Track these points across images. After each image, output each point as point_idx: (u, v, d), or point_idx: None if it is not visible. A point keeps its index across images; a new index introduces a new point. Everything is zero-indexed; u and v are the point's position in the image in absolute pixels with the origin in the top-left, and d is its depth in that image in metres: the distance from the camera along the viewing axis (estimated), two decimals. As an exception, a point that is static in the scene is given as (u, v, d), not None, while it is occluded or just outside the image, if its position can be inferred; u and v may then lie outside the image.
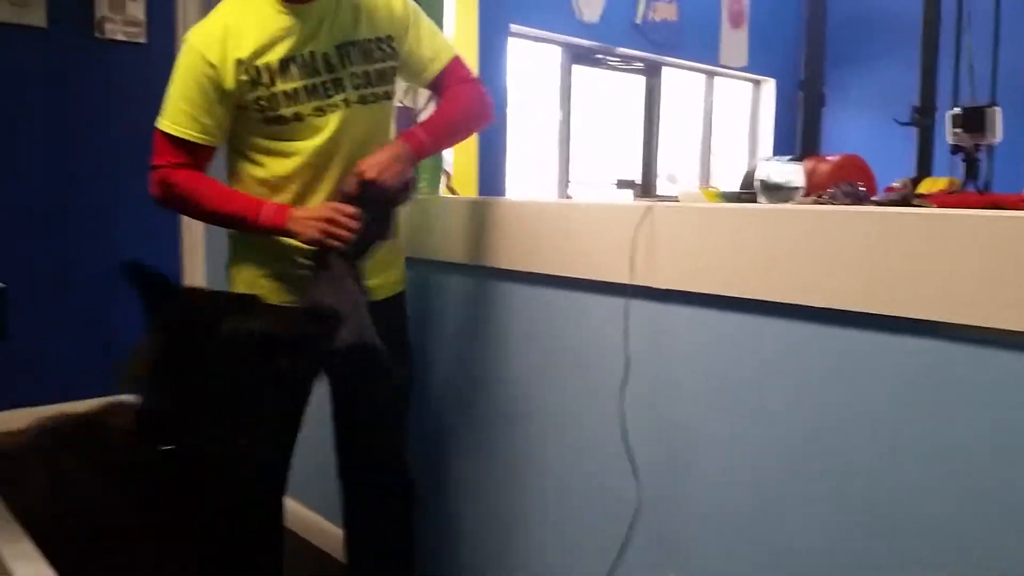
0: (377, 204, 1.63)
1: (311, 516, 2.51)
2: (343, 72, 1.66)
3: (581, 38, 5.22)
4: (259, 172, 1.69)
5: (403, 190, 1.68)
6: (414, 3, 1.79)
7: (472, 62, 4.51)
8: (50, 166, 3.65)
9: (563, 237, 1.73)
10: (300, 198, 1.68)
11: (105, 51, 3.74)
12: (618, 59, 5.64)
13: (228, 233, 1.77)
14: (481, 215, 1.94)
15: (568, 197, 5.34)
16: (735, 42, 6.15)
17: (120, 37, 3.76)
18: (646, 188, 5.83)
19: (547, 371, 1.82)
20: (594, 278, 1.67)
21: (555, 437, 1.81)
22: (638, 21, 5.48)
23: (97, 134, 3.75)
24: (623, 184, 5.77)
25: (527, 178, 5.23)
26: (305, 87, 1.63)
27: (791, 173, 1.51)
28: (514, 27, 4.83)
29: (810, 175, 1.76)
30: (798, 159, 2.34)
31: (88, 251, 3.75)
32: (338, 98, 1.66)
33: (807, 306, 1.33)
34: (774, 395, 1.41)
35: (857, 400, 1.30)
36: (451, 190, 2.89)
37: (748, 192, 1.69)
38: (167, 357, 1.42)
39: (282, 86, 1.62)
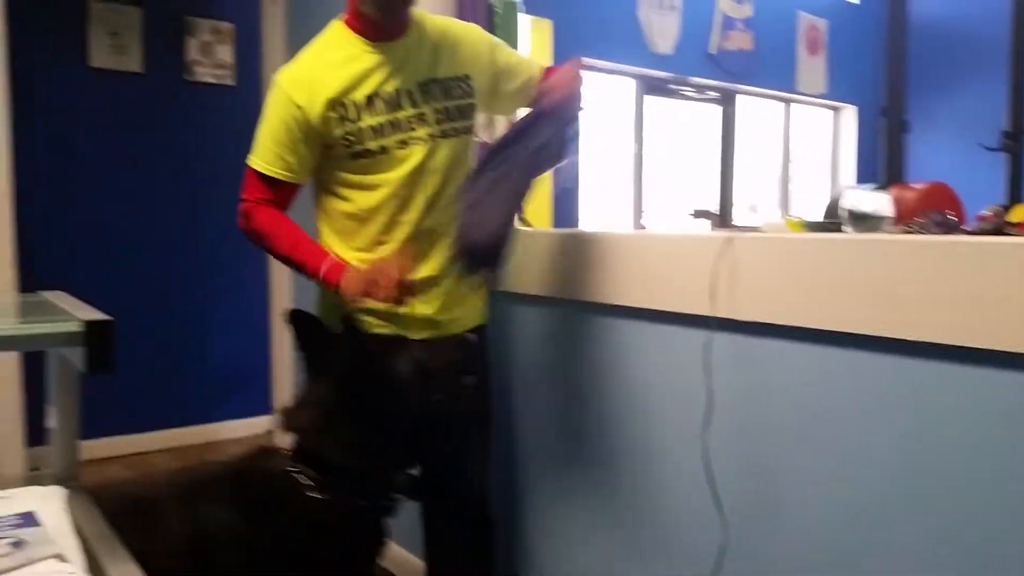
0: (556, 121, 1.68)
1: (393, 547, 2.53)
2: (426, 107, 1.72)
3: (655, 69, 5.22)
4: (346, 206, 1.74)
5: (577, 107, 1.75)
6: (490, 36, 1.86)
7: (546, 95, 4.56)
8: (147, 201, 3.84)
9: (643, 268, 1.72)
10: (386, 229, 1.73)
11: (196, 93, 3.93)
12: (692, 89, 5.61)
13: None
14: (560, 247, 1.94)
15: (642, 227, 5.31)
16: (813, 69, 6.05)
17: (209, 79, 3.95)
18: (723, 218, 5.75)
19: (628, 405, 1.81)
20: (675, 310, 1.65)
21: (638, 473, 1.79)
22: (712, 51, 5.45)
23: (189, 170, 3.93)
24: (699, 214, 5.70)
25: (601, 209, 5.22)
26: (390, 121, 1.69)
27: (879, 202, 1.47)
28: (587, 60, 4.87)
29: (896, 204, 1.71)
30: (883, 187, 2.28)
31: (181, 282, 3.92)
32: (421, 132, 1.72)
33: (899, 339, 1.29)
34: (866, 432, 1.36)
35: (954, 437, 1.25)
36: (526, 222, 2.91)
37: (833, 222, 1.65)
38: (343, 406, 1.44)
39: (368, 121, 1.68)
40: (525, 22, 2.34)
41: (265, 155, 1.70)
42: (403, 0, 1.68)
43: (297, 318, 1.59)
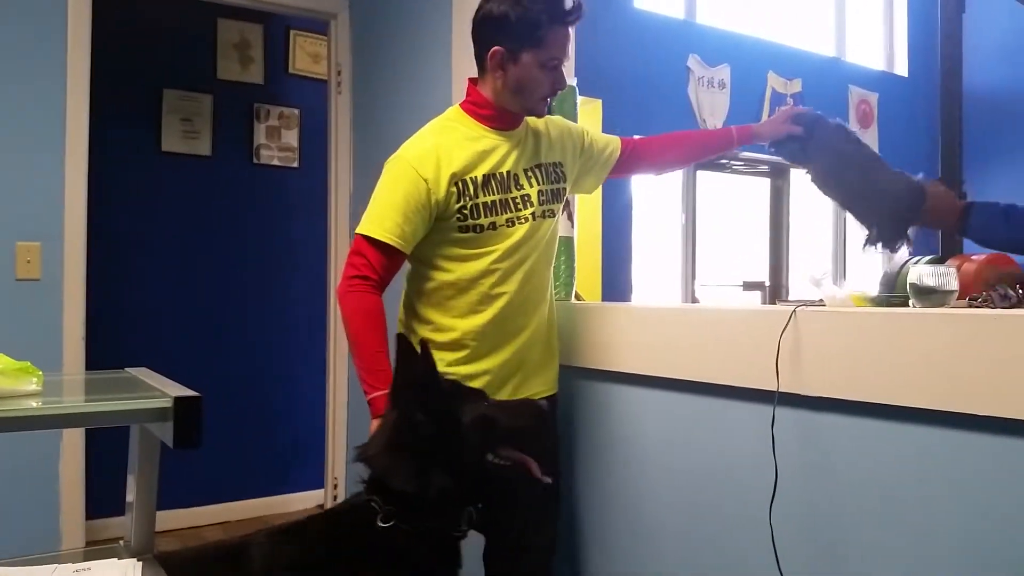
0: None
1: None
2: (531, 189, 1.87)
3: (704, 144, 5.28)
4: (446, 276, 1.84)
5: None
6: (576, 124, 2.09)
7: (597, 171, 4.64)
8: (219, 276, 3.97)
9: (703, 342, 1.72)
10: (484, 300, 1.82)
11: (262, 175, 4.09)
12: (742, 163, 5.65)
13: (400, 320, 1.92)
14: (618, 320, 1.96)
15: (696, 300, 5.29)
16: (865, 142, 6.05)
17: (275, 163, 4.12)
18: (775, 290, 5.70)
19: (692, 482, 1.78)
20: (738, 384, 1.64)
21: (702, 553, 1.76)
22: (762, 126, 5.50)
23: (253, 249, 4.06)
24: (749, 286, 5.67)
25: (652, 281, 5.23)
26: (502, 200, 1.82)
27: (945, 276, 1.46)
28: (637, 138, 4.95)
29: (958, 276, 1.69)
30: (940, 259, 2.25)
31: (241, 358, 4.01)
32: (527, 212, 1.85)
33: (968, 414, 1.27)
34: (935, 510, 1.33)
35: (1038, 517, 1.21)
36: (578, 296, 2.93)
37: (900, 296, 1.64)
38: (418, 442, 1.47)
39: (484, 198, 1.80)
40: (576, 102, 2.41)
41: (384, 223, 1.77)
42: (546, 103, 1.87)
43: (401, 341, 1.60)
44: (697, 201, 5.49)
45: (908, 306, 1.53)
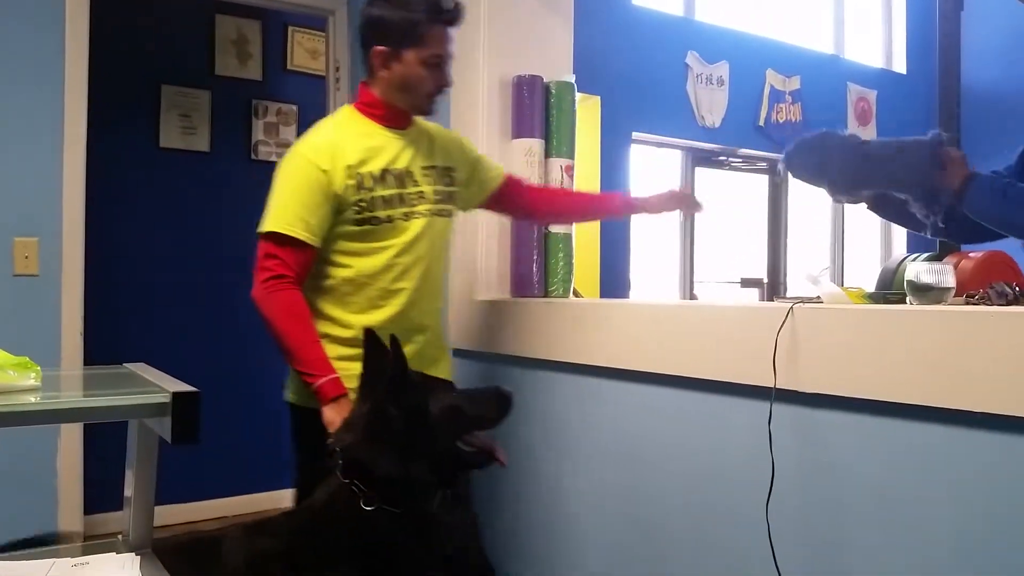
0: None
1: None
2: (426, 188, 1.92)
3: (703, 142, 5.28)
4: (346, 272, 1.86)
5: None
6: (473, 145, 2.17)
7: (594, 168, 4.65)
8: (217, 272, 3.95)
9: (701, 339, 1.73)
10: (384, 295, 1.86)
11: (260, 171, 4.07)
12: (740, 160, 5.65)
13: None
14: (616, 317, 1.96)
15: (694, 297, 5.30)
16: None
17: (274, 159, 4.10)
18: (773, 287, 5.71)
19: (688, 477, 1.79)
20: (734, 381, 1.65)
21: (699, 548, 1.76)
22: (761, 123, 5.51)
23: (255, 243, 4.04)
24: (747, 283, 5.68)
25: (650, 278, 5.24)
26: (398, 195, 1.87)
27: (942, 273, 1.47)
28: (636, 135, 4.95)
29: (955, 273, 1.70)
30: (938, 257, 2.26)
31: (250, 351, 4.00)
32: (422, 207, 1.91)
33: (965, 411, 1.27)
34: (932, 507, 1.33)
35: (1033, 514, 1.22)
36: (576, 293, 2.94)
37: (897, 293, 1.64)
38: (392, 434, 1.50)
39: (381, 192, 1.85)
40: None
41: (288, 218, 1.79)
42: (433, 100, 1.91)
43: (368, 336, 1.64)
44: (696, 198, 5.48)
45: (905, 303, 1.53)
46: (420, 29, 1.84)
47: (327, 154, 1.82)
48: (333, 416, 1.71)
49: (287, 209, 1.80)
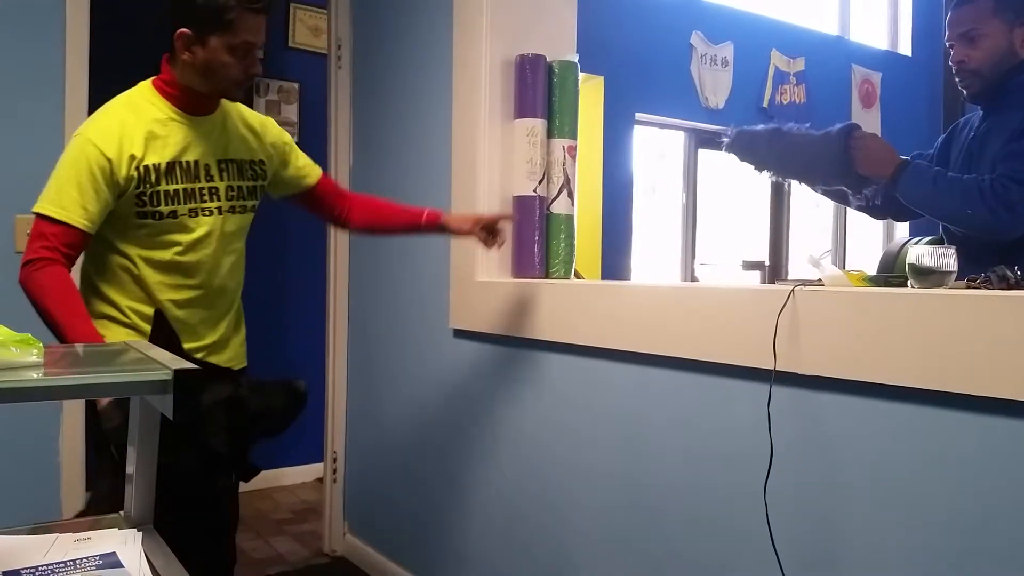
0: None
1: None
2: (220, 183, 1.86)
3: (706, 123, 5.26)
4: (126, 263, 1.81)
5: None
6: (287, 134, 2.13)
7: (597, 149, 4.63)
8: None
9: (700, 321, 1.73)
10: (166, 289, 1.83)
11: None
12: (744, 142, 5.62)
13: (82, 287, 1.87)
14: (617, 299, 1.96)
15: (695, 279, 5.30)
16: (867, 122, 6.03)
17: (275, 136, 4.08)
18: (775, 270, 5.71)
19: (687, 458, 1.80)
20: (734, 363, 1.65)
21: (698, 529, 1.77)
22: (765, 105, 5.48)
23: (255, 221, 4.04)
24: (749, 265, 5.67)
25: (652, 260, 5.23)
26: (185, 190, 1.80)
27: (944, 257, 1.46)
28: (639, 115, 4.93)
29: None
30: (940, 240, 2.25)
31: (251, 332, 4.00)
32: (212, 205, 1.85)
33: (966, 395, 1.27)
34: (931, 490, 1.34)
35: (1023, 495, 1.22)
36: (577, 274, 2.93)
37: (898, 276, 1.64)
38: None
39: (165, 186, 1.78)
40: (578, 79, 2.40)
41: (64, 202, 1.71)
42: (240, 88, 1.84)
43: (158, 317, 1.66)
44: (698, 180, 5.48)
45: (906, 286, 1.53)
46: (230, 15, 1.75)
47: (115, 141, 1.74)
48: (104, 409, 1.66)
49: (65, 193, 1.71)
